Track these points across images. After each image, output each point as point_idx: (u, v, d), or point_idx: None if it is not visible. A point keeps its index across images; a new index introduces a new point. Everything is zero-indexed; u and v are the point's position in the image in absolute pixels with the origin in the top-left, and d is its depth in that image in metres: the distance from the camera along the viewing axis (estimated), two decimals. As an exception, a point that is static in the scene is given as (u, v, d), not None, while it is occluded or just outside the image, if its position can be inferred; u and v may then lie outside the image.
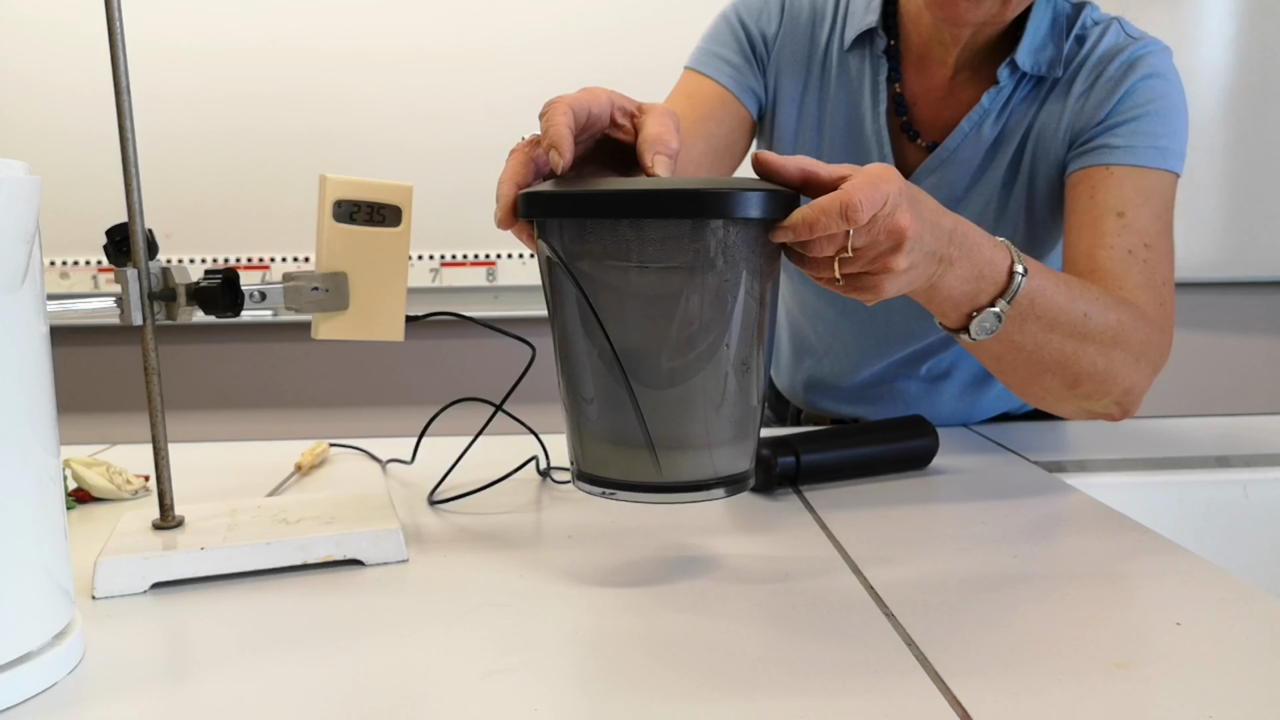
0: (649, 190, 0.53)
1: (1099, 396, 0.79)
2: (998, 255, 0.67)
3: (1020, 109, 0.93)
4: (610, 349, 0.55)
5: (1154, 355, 0.80)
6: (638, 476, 0.56)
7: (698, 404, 0.56)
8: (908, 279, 0.62)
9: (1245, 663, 0.48)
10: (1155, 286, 0.82)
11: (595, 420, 0.57)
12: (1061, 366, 0.75)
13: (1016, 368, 0.76)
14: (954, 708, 0.43)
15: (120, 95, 0.60)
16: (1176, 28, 2.00)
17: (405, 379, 2.14)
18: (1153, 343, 0.79)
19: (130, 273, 0.60)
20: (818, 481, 0.81)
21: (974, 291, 0.67)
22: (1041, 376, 0.76)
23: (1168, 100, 0.88)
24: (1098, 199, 0.85)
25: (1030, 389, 0.79)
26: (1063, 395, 0.78)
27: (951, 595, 0.57)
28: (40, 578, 0.47)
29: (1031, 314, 0.70)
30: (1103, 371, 0.76)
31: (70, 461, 0.79)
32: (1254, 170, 2.04)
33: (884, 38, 0.95)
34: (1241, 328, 2.17)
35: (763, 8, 1.00)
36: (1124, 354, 0.76)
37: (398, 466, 0.91)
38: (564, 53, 2.00)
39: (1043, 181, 0.93)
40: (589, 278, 0.55)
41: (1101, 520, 0.70)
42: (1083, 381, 0.76)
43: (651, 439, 0.55)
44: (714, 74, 0.99)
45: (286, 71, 1.98)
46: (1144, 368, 0.79)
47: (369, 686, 0.47)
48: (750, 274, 0.55)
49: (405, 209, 0.68)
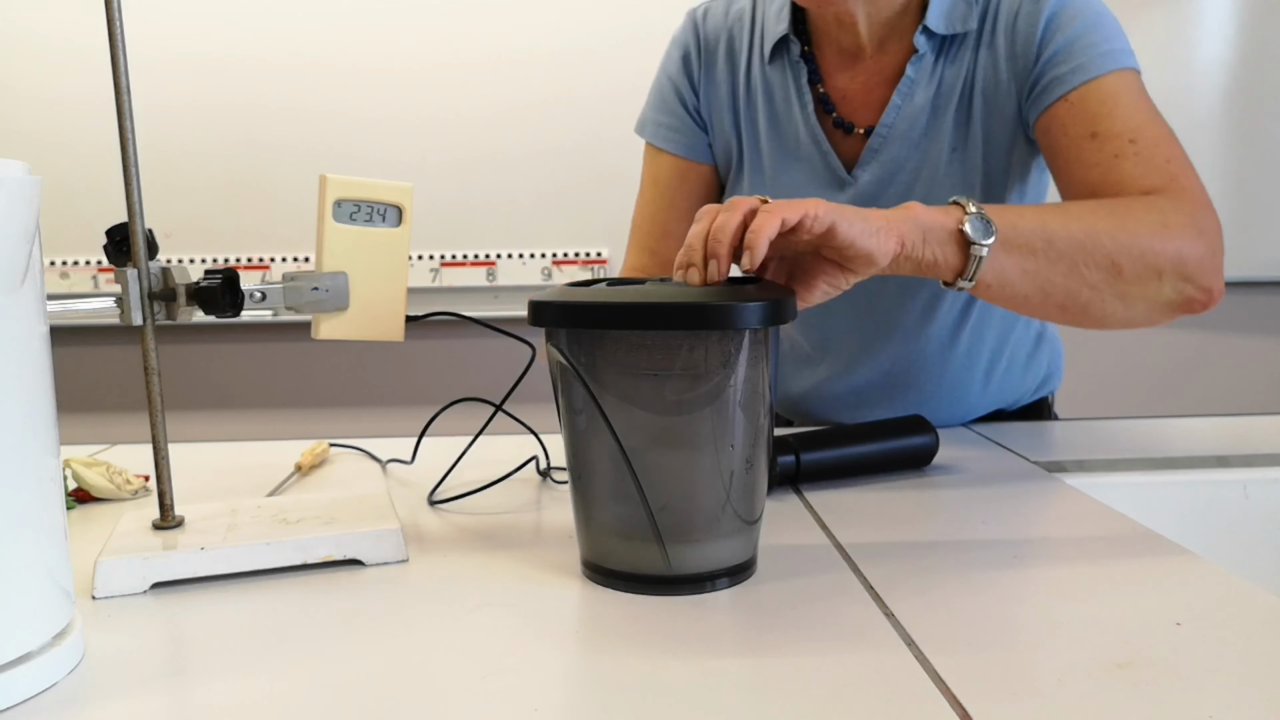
0: (634, 304, 0.55)
1: (1154, 277, 0.74)
2: (943, 206, 0.70)
3: (951, 69, 0.93)
4: (618, 447, 0.57)
5: (1186, 218, 0.76)
6: (644, 569, 0.58)
7: (703, 499, 0.58)
8: (855, 218, 0.64)
9: (1245, 663, 0.48)
10: (1159, 168, 0.80)
11: (603, 513, 0.60)
12: (1087, 256, 0.72)
13: (1052, 279, 0.73)
14: (954, 708, 0.43)
15: (120, 96, 0.60)
16: (1176, 28, 2.00)
17: (405, 379, 2.14)
18: (1178, 208, 0.76)
19: (130, 273, 0.60)
20: (818, 481, 0.81)
21: (942, 211, 0.69)
22: (1079, 278, 0.73)
23: (1088, 9, 0.88)
24: (1069, 132, 0.84)
25: (1079, 297, 0.74)
26: (1117, 289, 0.74)
27: (951, 595, 0.57)
28: (40, 578, 0.47)
29: (1012, 225, 0.70)
30: (1133, 245, 0.73)
31: (70, 461, 0.79)
32: (1254, 170, 2.04)
33: (797, 43, 0.97)
34: (1241, 328, 2.17)
35: (682, 57, 1.05)
36: (1146, 223, 0.74)
37: (398, 466, 0.91)
38: (565, 55, 2.00)
39: (999, 137, 0.93)
40: (598, 381, 0.57)
41: (1101, 520, 0.70)
42: (1120, 263, 0.73)
43: (660, 533, 0.57)
44: (665, 146, 1.06)
45: (287, 72, 1.98)
46: (1184, 232, 0.75)
47: (369, 686, 0.47)
48: (749, 370, 0.57)
49: (405, 209, 0.68)
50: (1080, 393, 2.16)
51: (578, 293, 0.58)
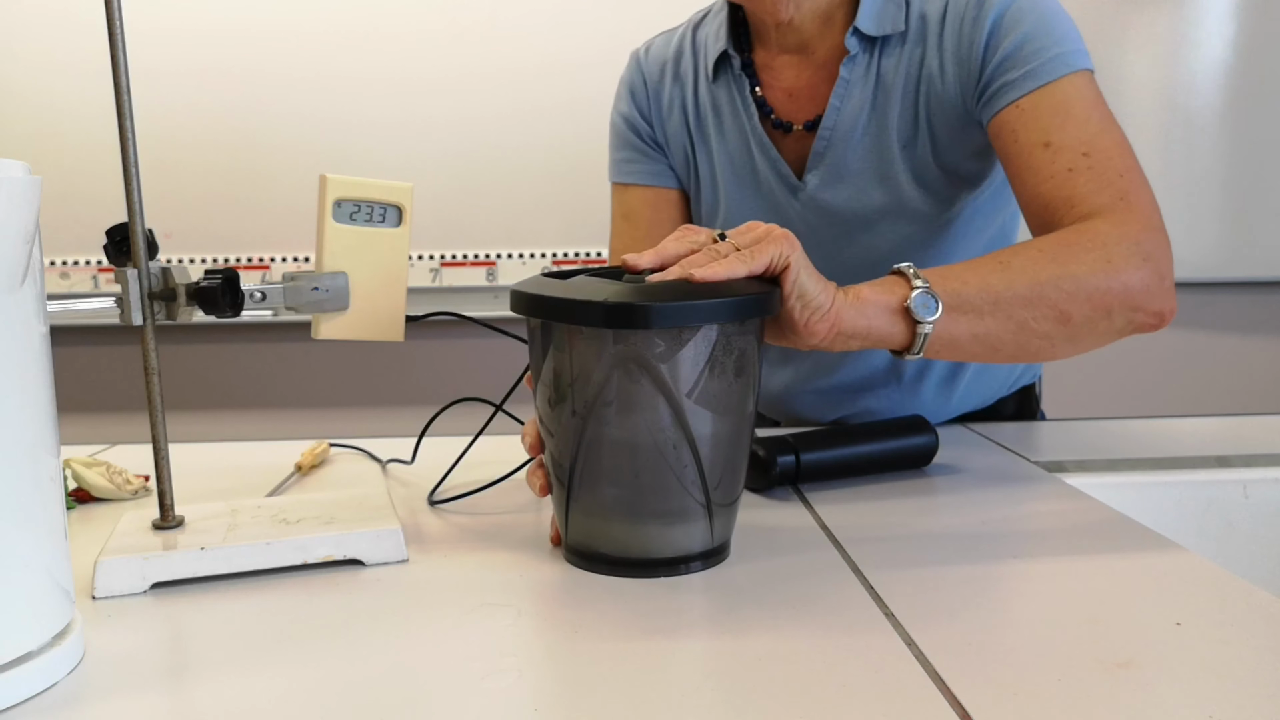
0: (566, 299, 0.58)
1: (1103, 316, 0.74)
2: (889, 278, 0.71)
3: (889, 64, 0.93)
4: (685, 435, 0.59)
5: (1131, 246, 0.75)
6: (622, 551, 0.61)
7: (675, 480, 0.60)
8: (809, 276, 0.65)
9: (1245, 663, 0.48)
10: (1111, 183, 0.79)
11: (583, 496, 0.62)
12: (1034, 311, 0.72)
13: (1001, 338, 0.73)
14: (954, 708, 0.43)
15: (120, 96, 0.60)
16: (1176, 28, 2.00)
17: (405, 379, 2.14)
18: (1122, 236, 0.75)
19: (130, 273, 0.60)
20: (818, 481, 0.81)
21: (886, 290, 0.69)
22: (1028, 332, 0.73)
23: (1037, 7, 0.86)
24: (1021, 139, 0.83)
25: (1029, 348, 0.75)
26: (1066, 333, 0.74)
27: (951, 595, 0.57)
28: (40, 578, 0.47)
29: (956, 293, 0.70)
30: (1079, 291, 0.73)
31: (70, 461, 0.79)
32: (1254, 170, 2.04)
33: (737, 56, 0.99)
34: (1241, 328, 2.17)
35: (630, 92, 1.08)
36: (1089, 264, 0.73)
37: (398, 466, 0.91)
38: (565, 56, 2.00)
39: (943, 131, 0.92)
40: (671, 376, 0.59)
41: (1101, 520, 0.70)
42: (1068, 310, 0.73)
43: (711, 508, 0.61)
44: (631, 179, 1.07)
45: (287, 72, 1.98)
46: (1129, 262, 0.74)
47: (369, 686, 0.47)
48: (717, 362, 0.59)
49: (405, 209, 0.68)
50: (1080, 393, 2.16)
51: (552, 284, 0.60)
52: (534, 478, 0.66)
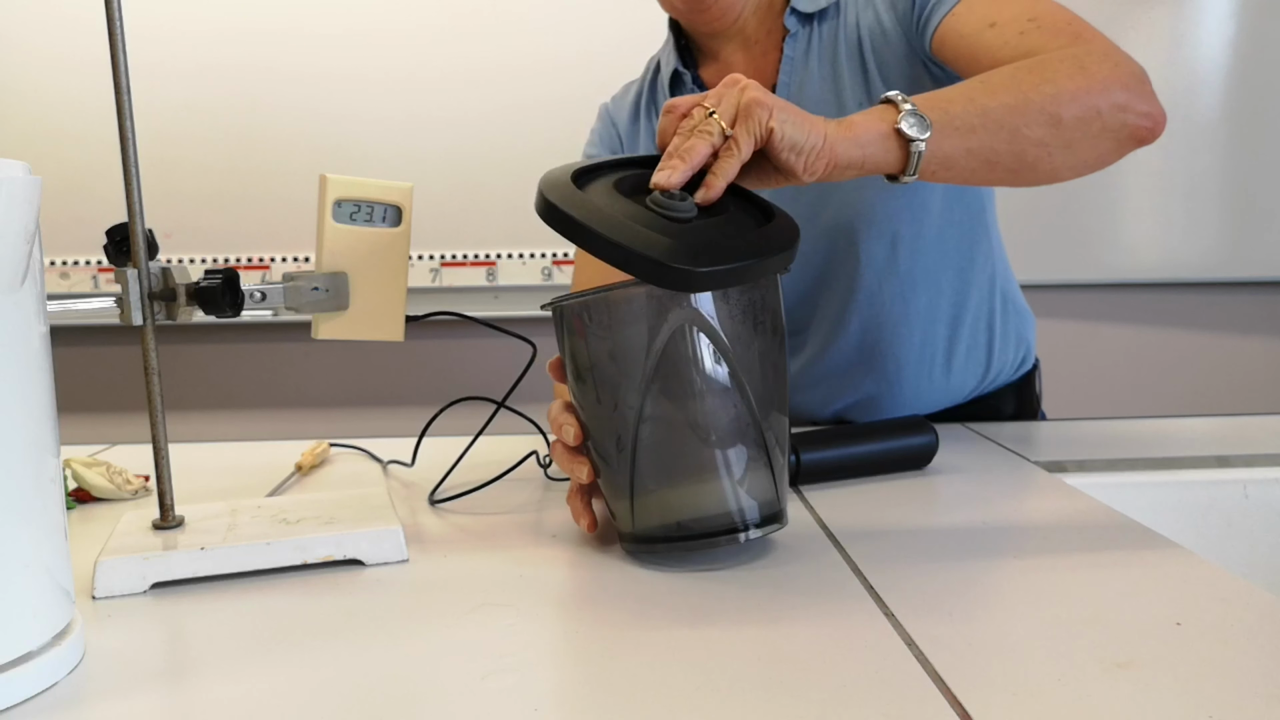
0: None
1: (1094, 116, 0.75)
2: (877, 107, 0.72)
3: (828, 33, 0.98)
4: (746, 403, 0.61)
5: (1099, 55, 0.77)
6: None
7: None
8: (794, 126, 0.65)
9: (1245, 663, 0.48)
10: (1062, 32, 0.81)
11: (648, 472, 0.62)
12: (1024, 118, 0.73)
13: (996, 149, 0.74)
14: (954, 708, 0.43)
15: (120, 95, 0.60)
16: (1176, 28, 2.00)
17: (405, 379, 2.14)
18: (1089, 50, 0.78)
19: (130, 273, 0.60)
20: (818, 481, 0.81)
21: (877, 116, 0.70)
22: (1022, 139, 0.74)
23: None
24: (966, 33, 0.87)
25: (1026, 157, 0.75)
26: (1062, 138, 0.75)
27: (951, 595, 0.57)
28: (40, 578, 0.47)
29: (944, 111, 0.71)
30: (1062, 92, 0.74)
31: (70, 461, 0.79)
32: (1254, 170, 2.04)
33: (686, 71, 1.04)
34: (1241, 328, 2.17)
35: (601, 129, 1.14)
36: (1065, 71, 0.75)
37: (398, 466, 0.91)
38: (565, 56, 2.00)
39: (899, 82, 0.96)
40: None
41: (1101, 520, 0.70)
42: (1057, 112, 0.74)
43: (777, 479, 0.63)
44: None
45: (287, 71, 1.98)
46: (1101, 66, 0.76)
47: (369, 686, 0.47)
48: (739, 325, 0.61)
49: (405, 209, 0.68)
50: (1080, 393, 2.16)
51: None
52: (579, 466, 0.65)
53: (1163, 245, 2.05)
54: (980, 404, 1.11)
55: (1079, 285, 2.09)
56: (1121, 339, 2.13)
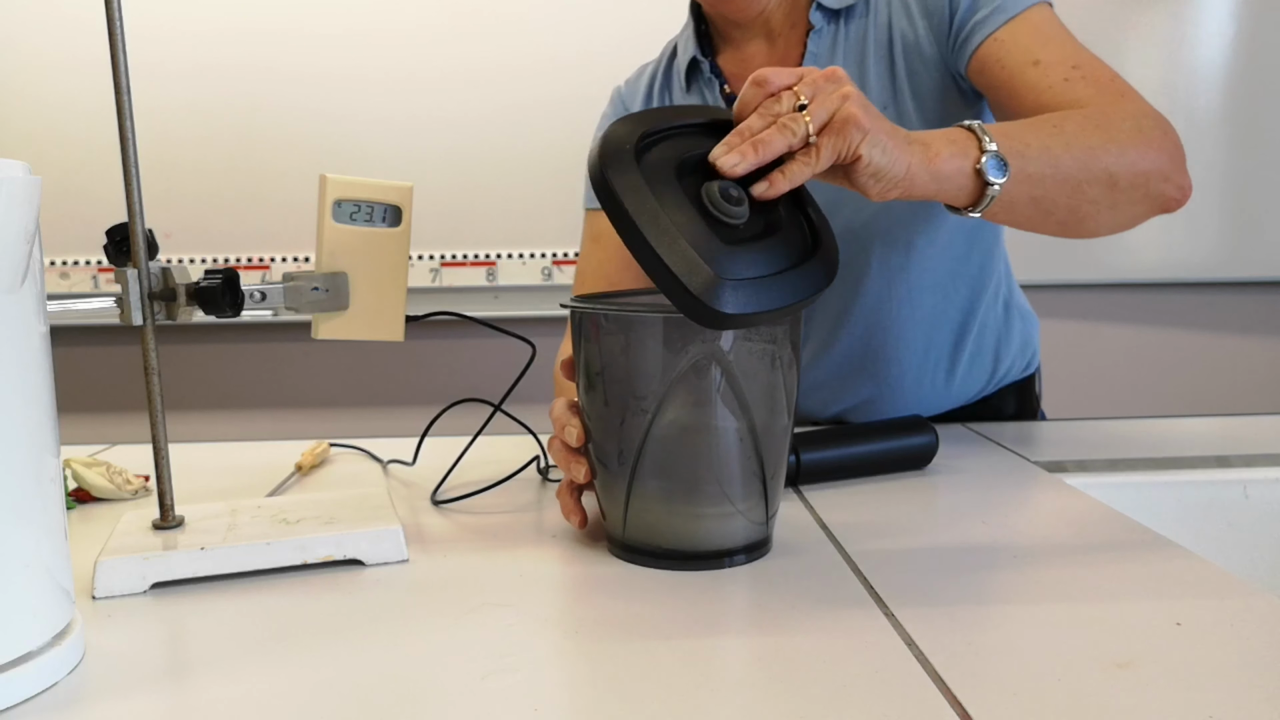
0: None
1: (1141, 183, 0.77)
2: (959, 132, 0.70)
3: (855, 33, 0.96)
4: (749, 427, 0.61)
5: (1152, 120, 0.79)
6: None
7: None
8: (883, 152, 0.63)
9: (1245, 663, 0.48)
10: (1106, 87, 0.82)
11: (646, 487, 0.62)
12: (1088, 174, 0.74)
13: (1057, 201, 0.74)
14: (954, 708, 0.43)
15: (120, 96, 0.60)
16: (1177, 28, 2.00)
17: (405, 379, 2.14)
18: (1143, 111, 0.79)
19: (130, 273, 0.60)
20: (818, 481, 0.81)
21: (960, 151, 0.69)
22: (1080, 196, 0.74)
23: None
24: (1008, 64, 0.86)
25: (1078, 213, 0.76)
26: (1112, 199, 0.76)
27: (951, 595, 0.57)
28: (40, 578, 0.47)
29: (1021, 154, 0.71)
30: (1123, 156, 0.75)
31: (70, 461, 0.79)
32: (1254, 170, 2.04)
33: (704, 60, 1.02)
34: (1241, 328, 2.17)
35: (613, 115, 1.11)
36: (1127, 131, 0.76)
37: (398, 466, 0.91)
38: (565, 56, 2.00)
39: (927, 86, 0.95)
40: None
41: (1101, 520, 0.70)
42: (1116, 175, 0.75)
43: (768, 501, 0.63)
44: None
45: (287, 72, 1.98)
46: (1154, 132, 0.78)
47: (369, 686, 0.47)
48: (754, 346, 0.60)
49: (405, 209, 0.68)
50: (1080, 393, 2.16)
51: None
52: (577, 466, 0.65)
53: (1163, 245, 2.05)
54: (981, 404, 1.11)
55: (1079, 285, 2.09)
56: (1122, 339, 2.13)
